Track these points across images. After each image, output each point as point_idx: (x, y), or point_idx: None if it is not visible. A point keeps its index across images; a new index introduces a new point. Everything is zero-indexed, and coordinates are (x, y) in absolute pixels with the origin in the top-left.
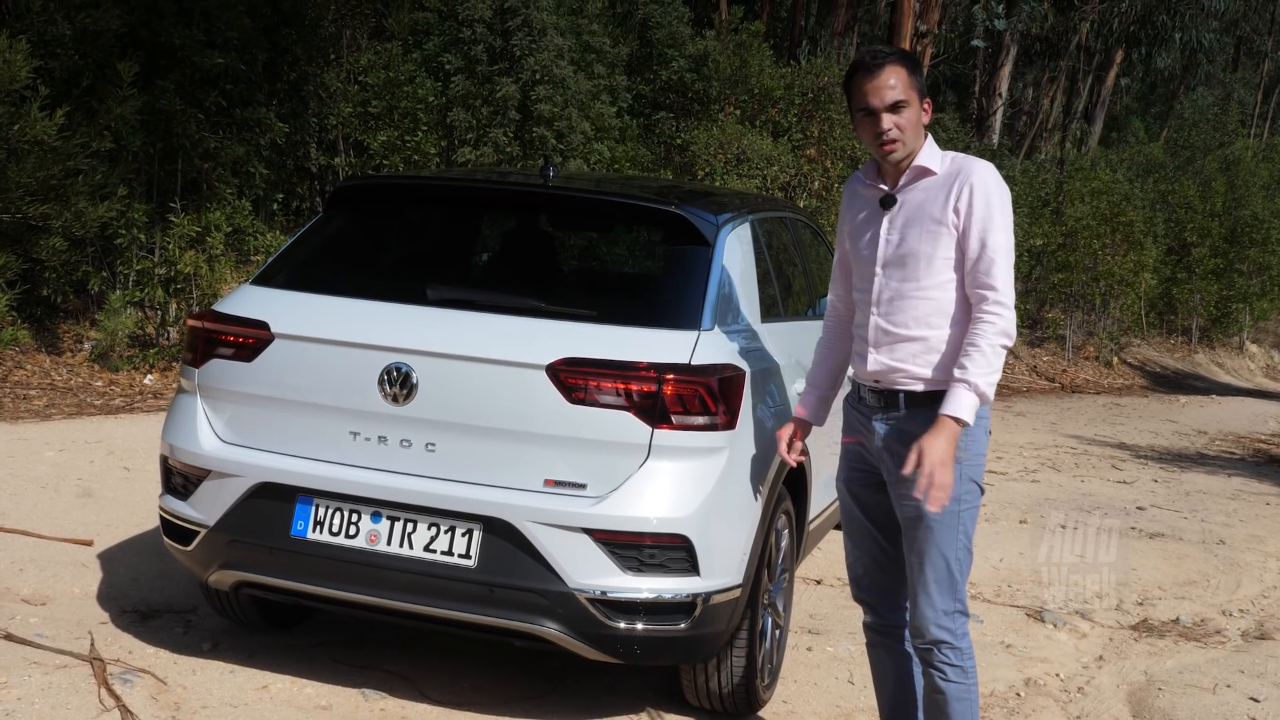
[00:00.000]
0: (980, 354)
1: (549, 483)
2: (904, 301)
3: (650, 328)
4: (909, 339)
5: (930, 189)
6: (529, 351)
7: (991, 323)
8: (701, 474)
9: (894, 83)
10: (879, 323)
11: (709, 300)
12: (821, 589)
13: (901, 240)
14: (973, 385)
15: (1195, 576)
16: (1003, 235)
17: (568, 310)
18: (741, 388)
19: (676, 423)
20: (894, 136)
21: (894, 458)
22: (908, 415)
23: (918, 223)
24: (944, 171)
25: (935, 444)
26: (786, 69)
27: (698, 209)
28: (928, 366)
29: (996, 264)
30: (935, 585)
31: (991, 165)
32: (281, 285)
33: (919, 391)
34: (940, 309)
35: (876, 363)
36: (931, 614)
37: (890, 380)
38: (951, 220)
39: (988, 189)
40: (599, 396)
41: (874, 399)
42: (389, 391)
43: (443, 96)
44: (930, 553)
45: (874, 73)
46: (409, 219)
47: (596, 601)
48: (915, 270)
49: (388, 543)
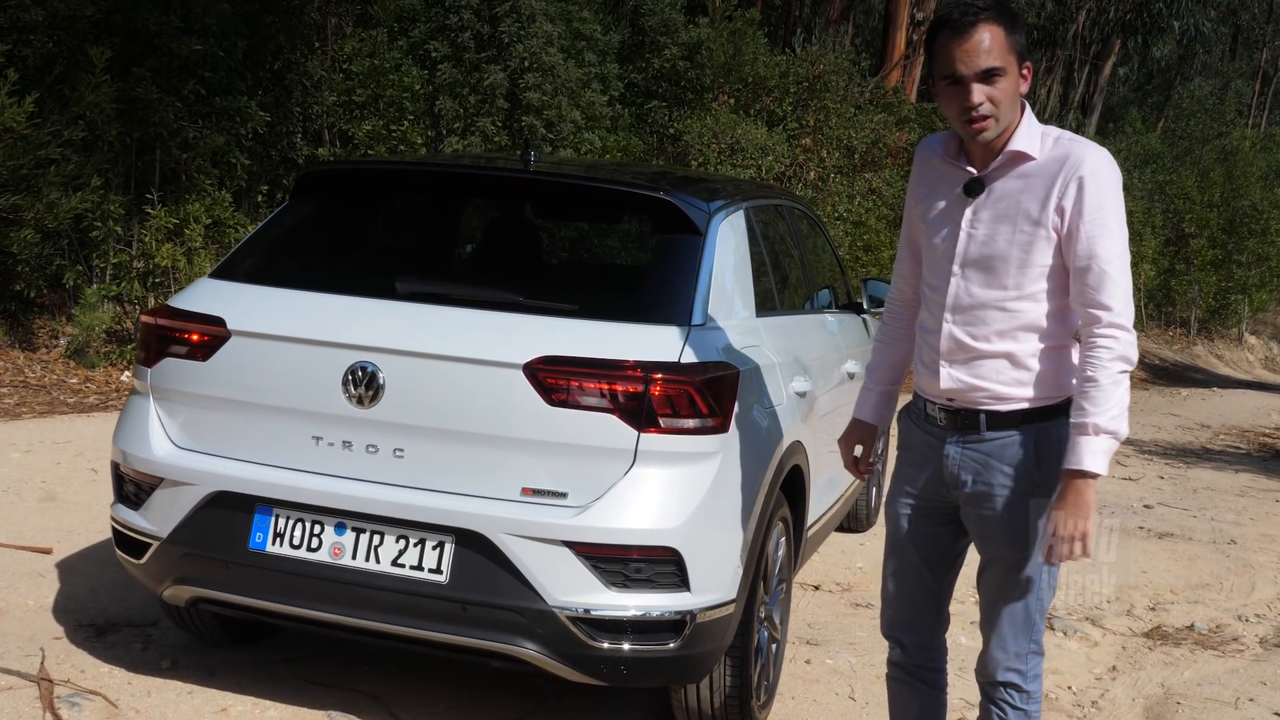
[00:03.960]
0: (1099, 390)
1: (527, 491)
2: (986, 312)
3: (637, 323)
4: (990, 355)
5: (1028, 178)
6: (505, 349)
7: (1108, 348)
8: (692, 481)
9: (989, 44)
10: (954, 333)
11: (700, 294)
12: (820, 595)
13: (988, 238)
14: (1097, 428)
15: (1208, 579)
16: (1117, 242)
17: (548, 305)
18: (735, 387)
19: (665, 426)
20: (986, 112)
21: (974, 493)
22: (990, 438)
23: (1009, 220)
24: (1045, 157)
25: (1067, 515)
26: (781, 57)
27: (688, 196)
28: (1014, 384)
29: (1109, 277)
30: (1010, 627)
31: (1106, 152)
32: (242, 279)
33: (1001, 411)
34: (1030, 323)
35: (951, 379)
36: (1003, 656)
37: (968, 399)
38: (1053, 222)
39: (1101, 185)
40: (580, 398)
41: (946, 419)
42: (353, 393)
43: (429, 85)
44: (1010, 598)
45: (963, 32)
46: (380, 207)
47: (578, 620)
48: (1002, 277)
49: (353, 556)
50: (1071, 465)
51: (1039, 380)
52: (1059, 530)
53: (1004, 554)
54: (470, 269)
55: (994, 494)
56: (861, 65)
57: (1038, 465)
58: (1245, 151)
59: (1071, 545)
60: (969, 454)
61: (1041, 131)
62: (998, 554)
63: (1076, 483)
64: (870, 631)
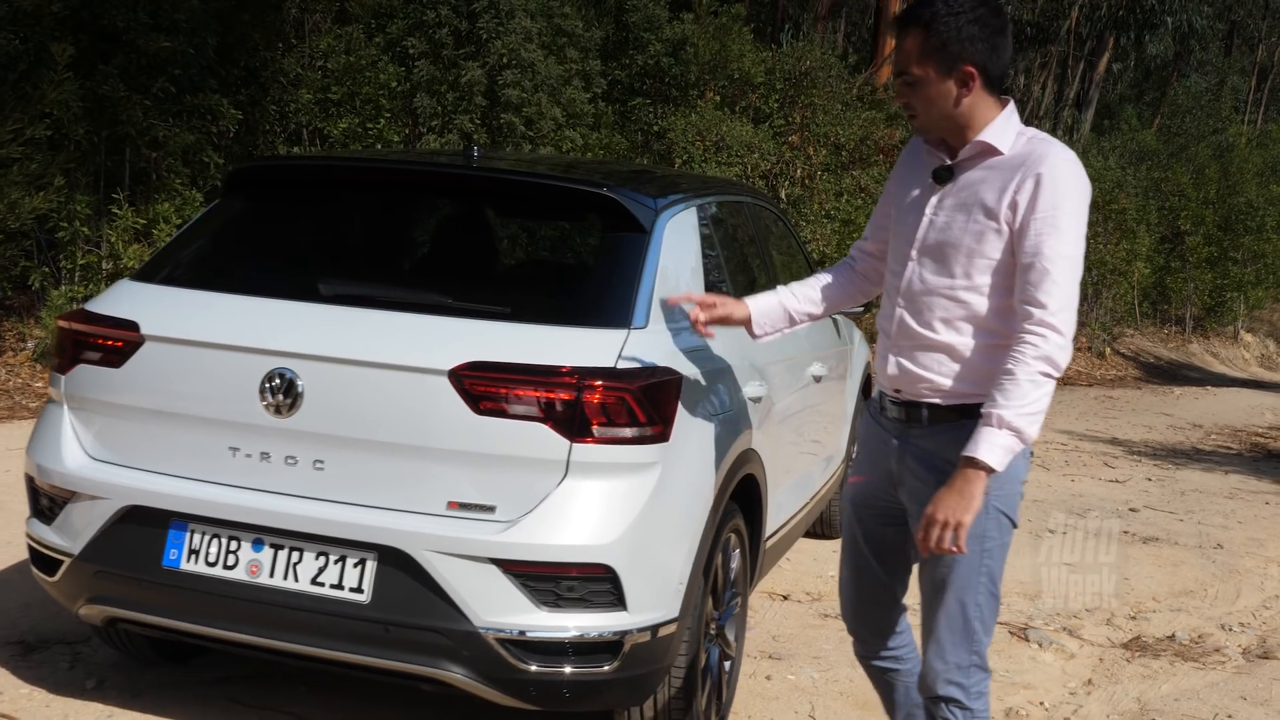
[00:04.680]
0: (1014, 384)
1: (452, 505)
2: (933, 299)
3: (572, 326)
4: (933, 344)
5: (991, 171)
6: (430, 355)
7: (1033, 345)
8: (628, 493)
9: (907, 51)
10: (903, 318)
11: (642, 295)
12: (788, 606)
13: (946, 226)
14: (1002, 421)
15: (1192, 585)
16: (1067, 244)
17: (479, 307)
18: (676, 394)
19: (598, 435)
20: (909, 113)
21: (911, 484)
22: (929, 432)
23: (965, 209)
24: (1013, 153)
25: (945, 498)
26: (767, 53)
27: (634, 192)
28: (953, 377)
29: (1050, 277)
30: (948, 634)
31: (1073, 155)
32: (164, 280)
33: (943, 405)
34: (972, 315)
35: (897, 366)
36: (941, 667)
37: (912, 390)
38: (1005, 215)
39: (1058, 185)
40: (509, 406)
41: (896, 410)
42: (271, 401)
43: (406, 82)
44: (946, 598)
45: (896, 37)
46: (312, 206)
47: (507, 642)
48: (952, 265)
49: (270, 574)
50: (967, 453)
51: (980, 377)
52: (937, 514)
53: (937, 557)
54: (401, 270)
55: (929, 490)
56: (849, 61)
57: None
58: (1241, 148)
59: (944, 533)
60: (910, 448)
61: (1017, 130)
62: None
63: (967, 471)
64: (836, 644)
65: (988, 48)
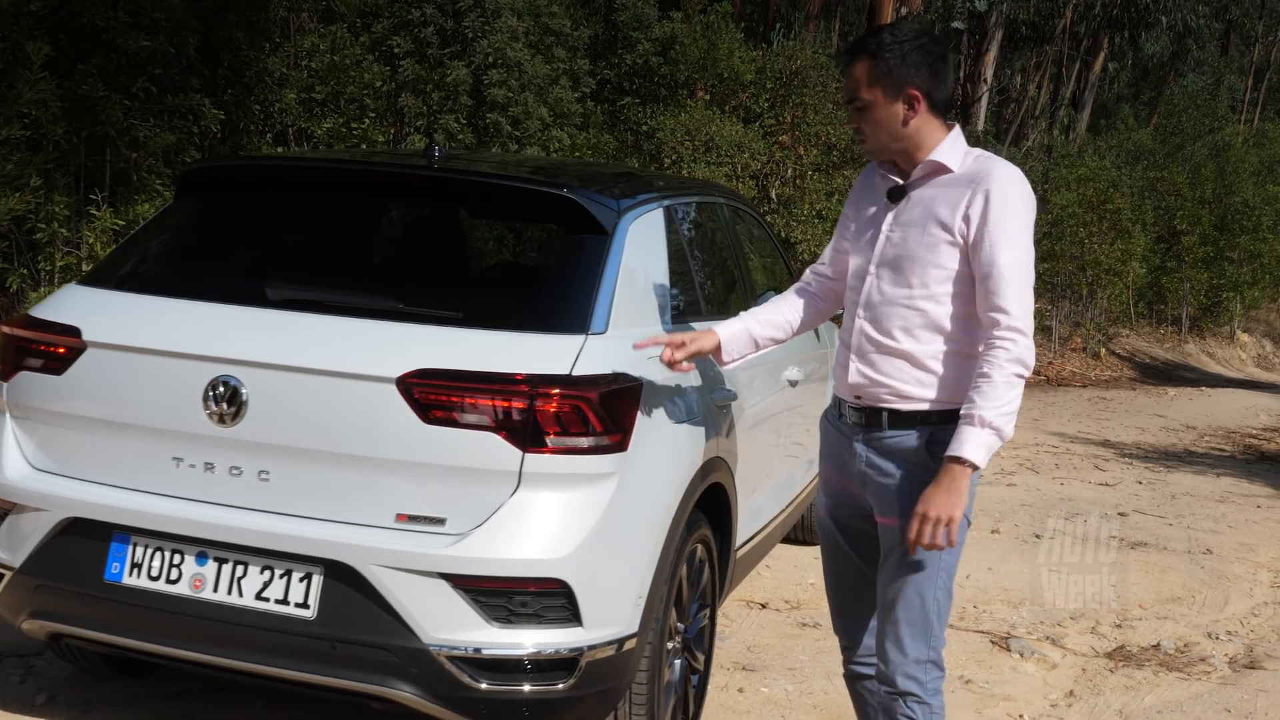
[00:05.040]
0: (991, 385)
1: (401, 518)
2: (891, 309)
3: (527, 332)
4: (894, 352)
5: (942, 188)
6: (378, 362)
7: (1004, 349)
8: (584, 505)
9: (856, 78)
10: (864, 328)
11: (602, 299)
12: (766, 615)
13: (901, 241)
14: (982, 420)
15: (1180, 592)
16: (1019, 252)
17: (429, 312)
18: (635, 402)
19: (553, 445)
20: (860, 136)
21: (874, 483)
22: (890, 435)
23: (920, 225)
24: (962, 171)
25: (935, 495)
26: (757, 52)
27: (595, 193)
28: (914, 384)
29: (1009, 283)
30: (907, 627)
31: (1018, 171)
32: (111, 285)
33: (902, 410)
34: (930, 322)
35: (858, 374)
36: (900, 660)
37: (872, 395)
38: (959, 228)
39: (1006, 198)
40: (459, 415)
41: (855, 416)
42: (214, 410)
43: (391, 82)
44: (906, 590)
45: (844, 67)
46: (265, 207)
47: (457, 659)
48: (908, 276)
49: (214, 589)
50: (953, 452)
51: (939, 383)
52: (929, 511)
53: (899, 548)
54: (352, 273)
55: (891, 489)
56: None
57: (932, 462)
58: (1237, 147)
59: (936, 529)
60: (871, 451)
61: (964, 150)
62: (892, 548)
63: (955, 468)
64: (813, 655)
65: (930, 73)
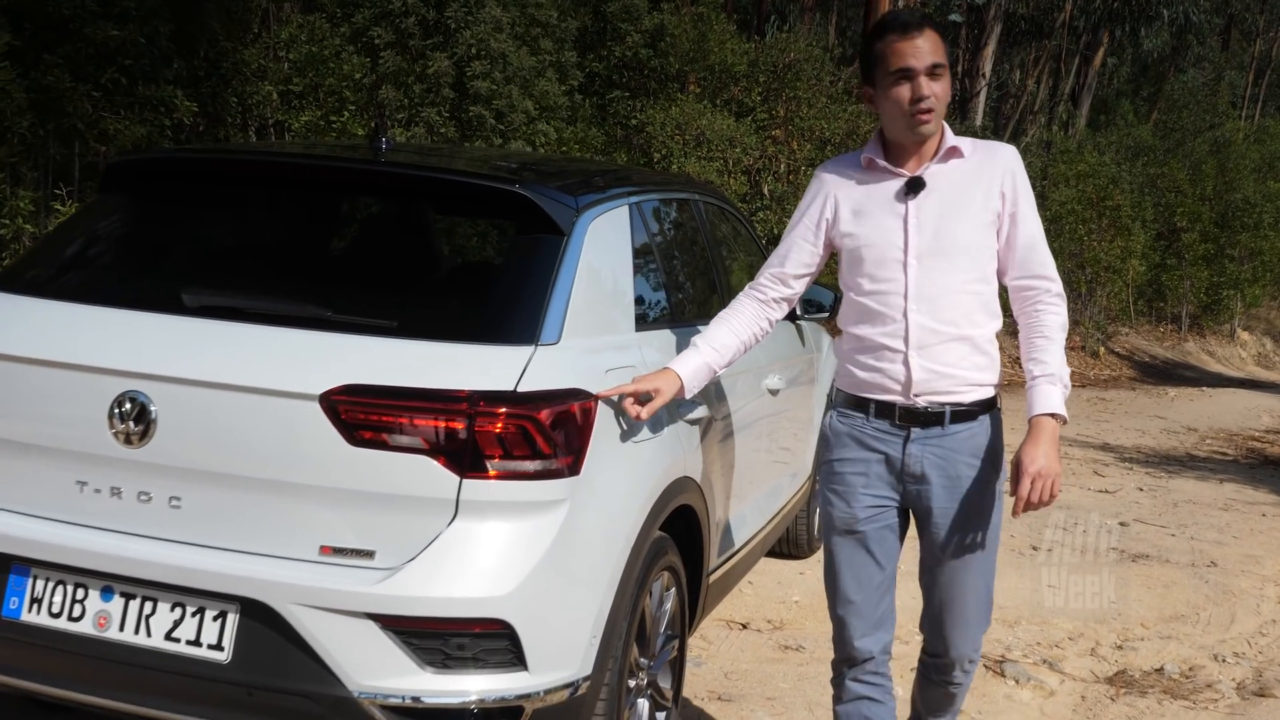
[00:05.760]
0: (1055, 345)
1: (325, 551)
2: (951, 297)
3: (469, 343)
4: (956, 338)
5: (964, 171)
6: (300, 376)
7: (1057, 313)
8: (529, 536)
9: (934, 44)
10: (922, 321)
11: (554, 306)
12: (746, 636)
13: (939, 229)
14: (1061, 379)
15: (1184, 609)
16: (1040, 223)
17: (361, 321)
18: (590, 420)
19: (494, 470)
20: (931, 105)
21: (938, 481)
22: (954, 431)
23: (957, 208)
24: (972, 154)
25: (1041, 452)
26: (749, 45)
27: (551, 189)
28: (974, 369)
29: (1047, 253)
30: (977, 614)
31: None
32: (19, 289)
33: (965, 403)
34: (984, 304)
35: (922, 369)
36: (972, 643)
37: (934, 389)
38: (995, 207)
39: (1025, 174)
40: (390, 436)
41: (909, 416)
42: (120, 429)
43: (372, 74)
44: (973, 580)
45: (911, 31)
46: (191, 204)
47: (388, 709)
48: (958, 261)
49: (120, 628)
50: (1046, 409)
51: (989, 366)
52: (1042, 469)
53: (972, 541)
54: (279, 277)
55: (962, 485)
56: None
57: (993, 451)
58: (1238, 144)
59: (1045, 484)
60: (931, 449)
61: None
62: (964, 542)
63: (1051, 424)
64: (794, 683)
65: None
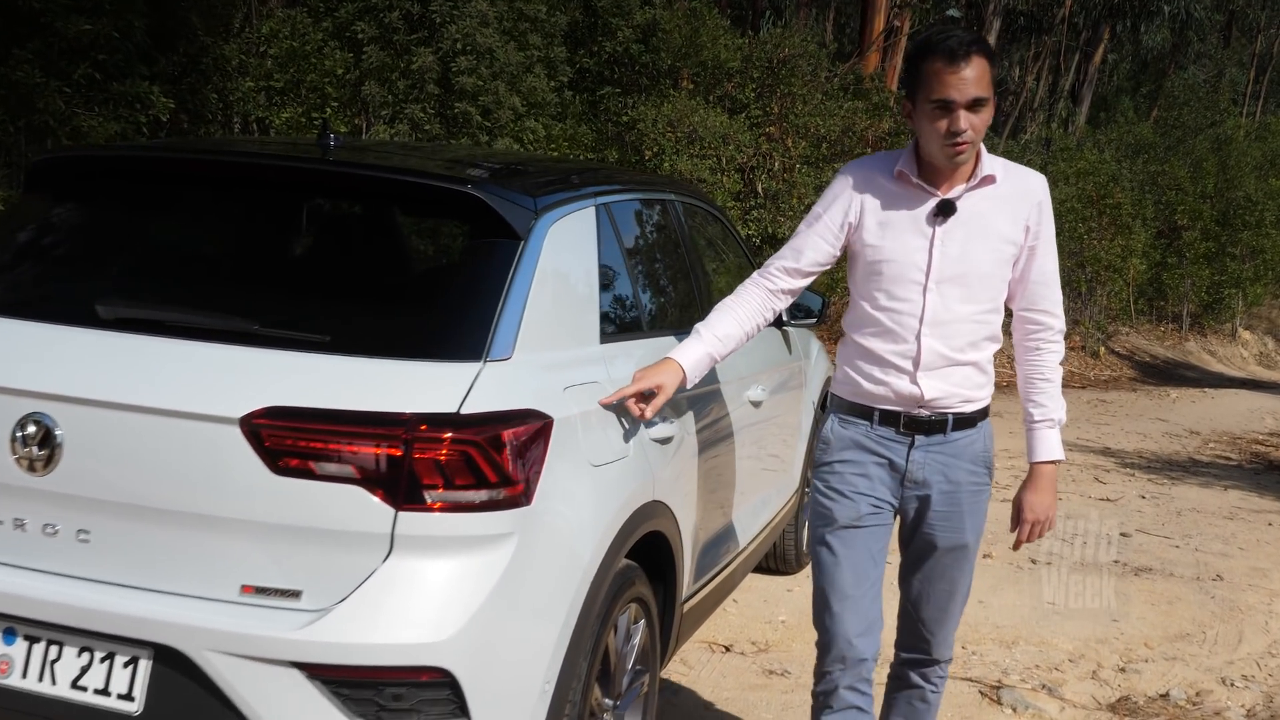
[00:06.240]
0: (1054, 387)
1: (247, 590)
2: (962, 325)
3: (410, 359)
4: (964, 363)
5: (994, 200)
6: (220, 398)
7: (1057, 352)
8: (474, 574)
9: (979, 75)
10: (935, 346)
11: (506, 318)
12: (729, 660)
13: (962, 256)
14: (1058, 421)
15: (1189, 627)
16: (1057, 258)
17: (291, 335)
18: (543, 444)
19: (434, 501)
20: (969, 139)
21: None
22: (955, 438)
23: (983, 237)
24: (1005, 181)
25: (1042, 499)
26: (743, 40)
27: (507, 189)
28: (975, 388)
29: (1058, 291)
30: (957, 609)
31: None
32: None
33: (967, 412)
34: (992, 333)
35: (932, 389)
36: (949, 638)
37: (939, 405)
38: (1018, 239)
39: (1050, 207)
40: (317, 464)
41: (914, 424)
42: (23, 454)
43: (355, 69)
44: (960, 583)
45: (958, 61)
46: (115, 205)
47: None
48: (979, 292)
49: (23, 674)
50: (1046, 457)
51: (987, 383)
52: (1040, 515)
53: (965, 544)
54: (206, 286)
55: (960, 489)
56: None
57: (987, 456)
58: (1239, 141)
59: (1042, 527)
60: (934, 455)
61: (990, 157)
62: (956, 544)
63: (1049, 470)
64: (778, 712)
65: None
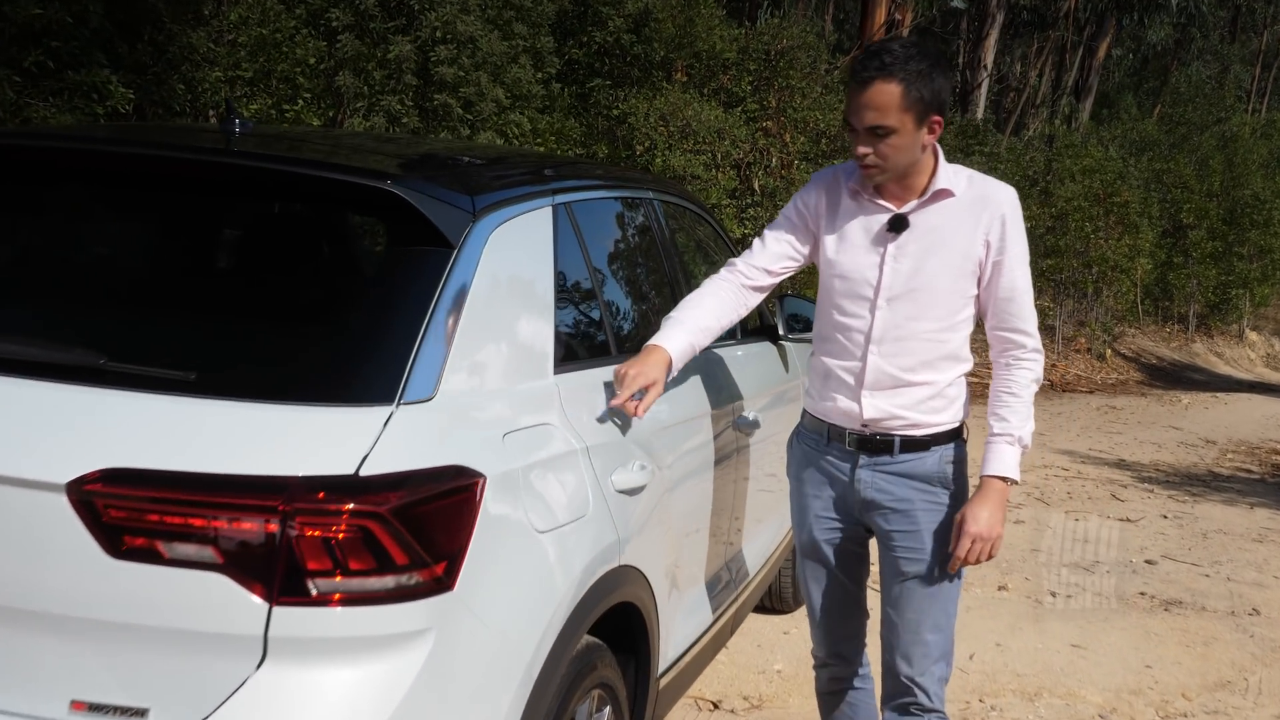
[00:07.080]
0: (1021, 404)
1: (78, 708)
2: (913, 343)
3: (298, 404)
4: (914, 384)
5: (950, 213)
6: (43, 456)
7: (1029, 370)
8: (377, 685)
9: (880, 103)
10: (880, 365)
11: (428, 347)
12: (718, 718)
13: (915, 271)
14: (1020, 440)
15: (1228, 673)
16: (1028, 274)
17: (147, 371)
18: (472, 509)
19: (321, 592)
20: (872, 163)
21: (885, 508)
22: (903, 460)
23: (936, 253)
24: (965, 195)
25: (983, 513)
26: (739, 31)
27: (439, 186)
28: (930, 412)
29: (1028, 307)
30: (936, 648)
31: (1015, 191)
32: None
33: (916, 436)
34: (951, 353)
35: (875, 409)
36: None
37: (883, 426)
38: (979, 255)
39: (1018, 223)
40: (168, 545)
41: (859, 443)
42: None
43: (329, 59)
44: (933, 610)
45: (862, 85)
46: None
47: None
48: (931, 309)
49: None
50: (997, 472)
51: (949, 406)
52: (982, 530)
53: (929, 567)
54: (50, 309)
55: (914, 511)
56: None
57: (953, 481)
58: (1246, 138)
59: (985, 546)
60: (880, 476)
61: (954, 170)
62: (920, 569)
63: (1000, 486)
64: None
65: (947, 96)
